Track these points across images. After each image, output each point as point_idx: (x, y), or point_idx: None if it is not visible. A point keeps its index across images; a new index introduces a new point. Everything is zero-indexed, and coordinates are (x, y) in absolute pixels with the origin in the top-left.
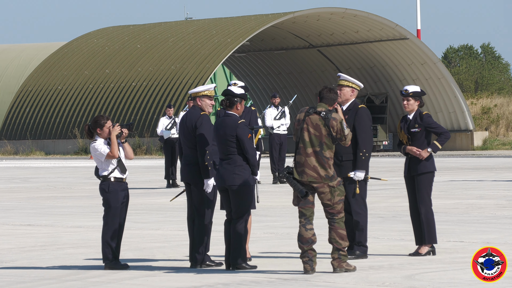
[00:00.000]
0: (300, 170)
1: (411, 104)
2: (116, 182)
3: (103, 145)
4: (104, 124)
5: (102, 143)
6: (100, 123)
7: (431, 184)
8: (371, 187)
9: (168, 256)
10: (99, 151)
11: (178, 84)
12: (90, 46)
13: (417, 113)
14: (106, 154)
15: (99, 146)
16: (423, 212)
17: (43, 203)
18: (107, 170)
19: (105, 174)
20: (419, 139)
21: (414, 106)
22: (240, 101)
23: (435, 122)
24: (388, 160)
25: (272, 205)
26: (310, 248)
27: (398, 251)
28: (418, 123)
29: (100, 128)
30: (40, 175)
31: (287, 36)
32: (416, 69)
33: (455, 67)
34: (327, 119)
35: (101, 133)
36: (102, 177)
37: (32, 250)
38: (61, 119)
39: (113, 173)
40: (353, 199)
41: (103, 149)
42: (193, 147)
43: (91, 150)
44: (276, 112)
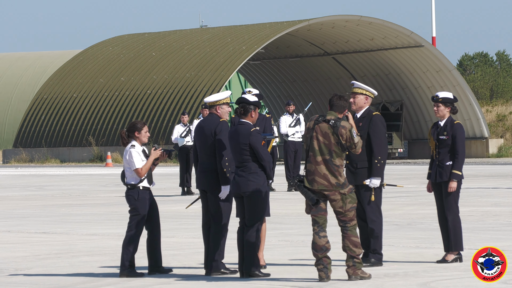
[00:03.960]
0: (310, 178)
1: (441, 110)
2: (144, 190)
3: (138, 156)
4: (142, 128)
5: (139, 153)
6: (138, 126)
7: (459, 191)
8: (386, 194)
9: (183, 264)
10: (132, 160)
11: (193, 92)
12: (105, 54)
13: (448, 121)
14: (135, 168)
15: (134, 156)
16: (450, 219)
17: (58, 210)
18: (137, 179)
19: (134, 183)
20: (445, 147)
21: (444, 113)
22: (254, 109)
23: (461, 137)
24: (403, 167)
25: (287, 213)
26: (324, 255)
27: (413, 259)
28: (447, 131)
29: (138, 131)
30: (55, 183)
31: (302, 44)
32: (431, 76)
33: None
34: (336, 127)
35: (139, 136)
36: (130, 186)
37: (47, 258)
38: (76, 126)
39: (142, 183)
40: (368, 206)
41: (136, 161)
42: (211, 154)
43: (125, 154)
44: (291, 119)
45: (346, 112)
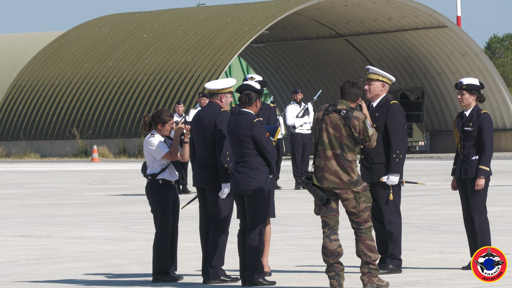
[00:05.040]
0: (319, 175)
1: (465, 99)
2: (164, 185)
3: (162, 142)
4: (168, 121)
5: (160, 139)
6: (163, 119)
7: (486, 189)
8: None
9: (178, 271)
10: (155, 147)
11: (189, 78)
12: (90, 36)
13: (474, 110)
14: (165, 153)
15: (157, 142)
16: (477, 220)
17: (38, 211)
18: (157, 169)
19: (155, 172)
20: (471, 139)
21: (469, 101)
22: (259, 98)
23: (489, 128)
24: (425, 162)
25: (294, 213)
26: (336, 261)
27: (436, 265)
28: (473, 122)
29: (162, 124)
30: (35, 180)
31: (311, 24)
32: (456, 60)
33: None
34: (347, 118)
35: (162, 129)
36: (150, 176)
37: (26, 264)
38: (58, 117)
39: (163, 174)
40: (386, 206)
41: (161, 147)
42: (210, 148)
43: (145, 144)
44: (298, 109)
45: (360, 101)
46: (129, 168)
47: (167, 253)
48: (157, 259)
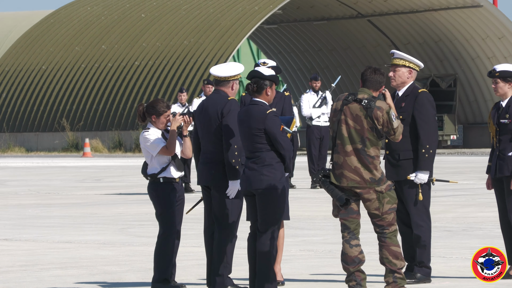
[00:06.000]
0: (338, 172)
1: (500, 88)
2: (166, 183)
3: (157, 137)
4: (163, 113)
5: (156, 133)
6: (158, 110)
7: None
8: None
9: (181, 279)
10: (150, 143)
11: (193, 63)
12: (82, 16)
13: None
14: (160, 148)
15: (152, 137)
16: None
17: (23, 212)
18: (157, 168)
19: (154, 172)
20: (508, 133)
21: (505, 90)
22: (271, 85)
23: None
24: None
25: (310, 215)
26: (357, 269)
27: (469, 274)
28: (510, 113)
29: (157, 116)
30: (19, 177)
31: (329, 3)
32: (492, 44)
33: None
34: (369, 109)
35: (156, 121)
36: (150, 176)
37: (9, 271)
38: (46, 107)
39: (164, 172)
40: (414, 208)
41: (156, 141)
42: (216, 142)
43: (141, 141)
44: (315, 98)
45: (383, 89)
46: (125, 164)
47: (170, 259)
48: (157, 266)
